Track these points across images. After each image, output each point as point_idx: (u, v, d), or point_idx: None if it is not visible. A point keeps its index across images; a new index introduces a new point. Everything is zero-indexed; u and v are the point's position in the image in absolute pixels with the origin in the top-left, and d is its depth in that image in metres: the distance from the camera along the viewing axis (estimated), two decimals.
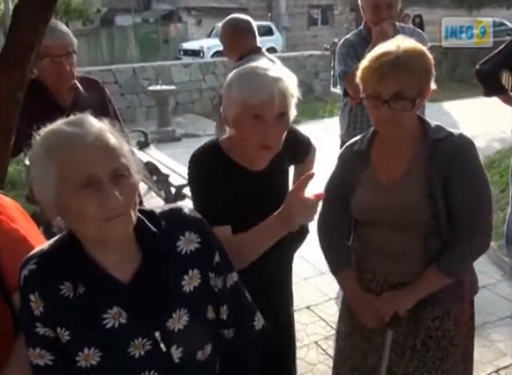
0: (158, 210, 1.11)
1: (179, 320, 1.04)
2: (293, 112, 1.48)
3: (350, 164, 1.65)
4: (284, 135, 1.48)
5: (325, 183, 1.72)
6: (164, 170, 4.19)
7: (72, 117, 0.98)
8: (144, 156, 4.59)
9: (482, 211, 1.51)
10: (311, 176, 1.31)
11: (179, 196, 3.94)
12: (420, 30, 3.09)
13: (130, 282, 1.02)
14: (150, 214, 1.08)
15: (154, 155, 4.88)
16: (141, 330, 1.01)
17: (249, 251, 1.41)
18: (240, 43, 3.02)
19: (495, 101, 3.44)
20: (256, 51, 3.00)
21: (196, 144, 1.64)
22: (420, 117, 1.56)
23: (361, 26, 3.01)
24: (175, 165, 4.42)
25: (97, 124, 0.97)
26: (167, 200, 4.08)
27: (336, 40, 11.56)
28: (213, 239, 1.13)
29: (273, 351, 1.67)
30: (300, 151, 1.80)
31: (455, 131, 1.52)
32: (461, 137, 1.50)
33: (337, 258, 1.73)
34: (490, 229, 1.54)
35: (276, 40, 17.61)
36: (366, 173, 1.61)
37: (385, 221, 1.57)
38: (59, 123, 0.96)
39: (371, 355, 1.70)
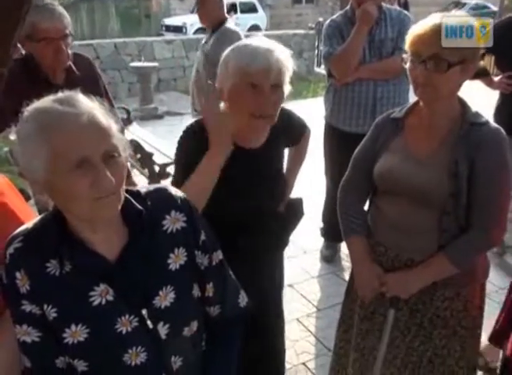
0: (143, 189, 1.12)
1: (165, 298, 1.06)
2: (287, 87, 1.52)
3: (384, 130, 1.67)
4: (279, 109, 1.52)
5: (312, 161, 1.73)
6: (147, 148, 4.17)
7: (62, 95, 0.96)
8: (126, 134, 4.54)
9: (499, 204, 1.50)
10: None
11: (163, 174, 3.92)
12: (406, 12, 3.08)
13: (117, 260, 1.03)
14: (136, 193, 1.09)
15: (137, 132, 4.83)
16: (128, 307, 1.03)
17: (201, 189, 1.45)
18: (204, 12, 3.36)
19: (478, 84, 3.47)
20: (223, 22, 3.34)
21: (178, 122, 1.66)
22: (461, 100, 1.56)
23: (348, 7, 3.00)
24: (158, 143, 4.40)
25: (89, 103, 0.96)
26: (151, 178, 4.06)
27: (320, 19, 11.49)
28: (198, 218, 1.15)
29: (262, 327, 1.72)
30: (295, 133, 1.82)
31: (492, 123, 1.53)
32: (497, 129, 1.51)
33: (351, 224, 1.74)
34: (504, 223, 1.53)
35: (260, 17, 17.39)
36: (396, 140, 1.62)
37: (404, 192, 1.57)
38: (50, 101, 0.95)
39: (372, 334, 1.73)
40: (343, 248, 3.50)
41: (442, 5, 21.31)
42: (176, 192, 1.14)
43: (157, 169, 4.03)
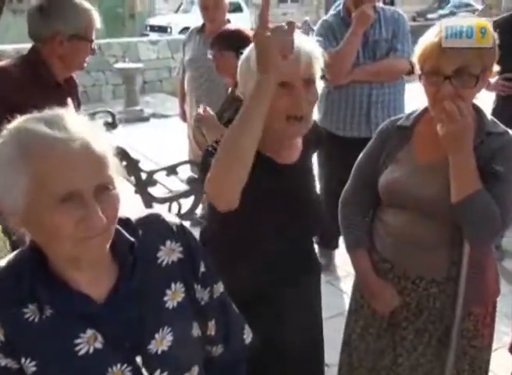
0: (133, 217, 0.99)
1: (162, 341, 0.94)
2: (320, 83, 1.37)
3: (390, 139, 1.57)
4: (314, 108, 1.37)
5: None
6: (133, 154, 4.04)
7: (50, 114, 0.84)
8: (111, 138, 4.43)
9: (506, 205, 1.40)
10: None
11: (150, 182, 3.81)
12: (400, 12, 3.00)
13: (106, 300, 0.91)
14: (125, 222, 0.96)
15: (122, 137, 4.71)
16: (120, 355, 0.90)
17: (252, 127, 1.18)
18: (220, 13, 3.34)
19: None
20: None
21: (165, 124, 1.50)
22: (475, 106, 1.47)
23: (340, 7, 2.90)
24: (145, 149, 4.28)
25: (82, 126, 0.84)
26: (137, 186, 3.94)
27: (307, 18, 11.43)
28: (197, 247, 1.03)
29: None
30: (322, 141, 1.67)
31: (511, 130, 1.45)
32: None
33: (354, 237, 1.67)
34: (505, 225, 1.43)
35: (246, 17, 17.29)
36: (404, 150, 1.53)
37: (413, 205, 1.48)
38: (36, 120, 0.82)
39: (386, 352, 1.64)
40: (338, 256, 3.41)
41: (426, 2, 21.45)
42: (170, 218, 1.02)
43: (144, 176, 3.91)
